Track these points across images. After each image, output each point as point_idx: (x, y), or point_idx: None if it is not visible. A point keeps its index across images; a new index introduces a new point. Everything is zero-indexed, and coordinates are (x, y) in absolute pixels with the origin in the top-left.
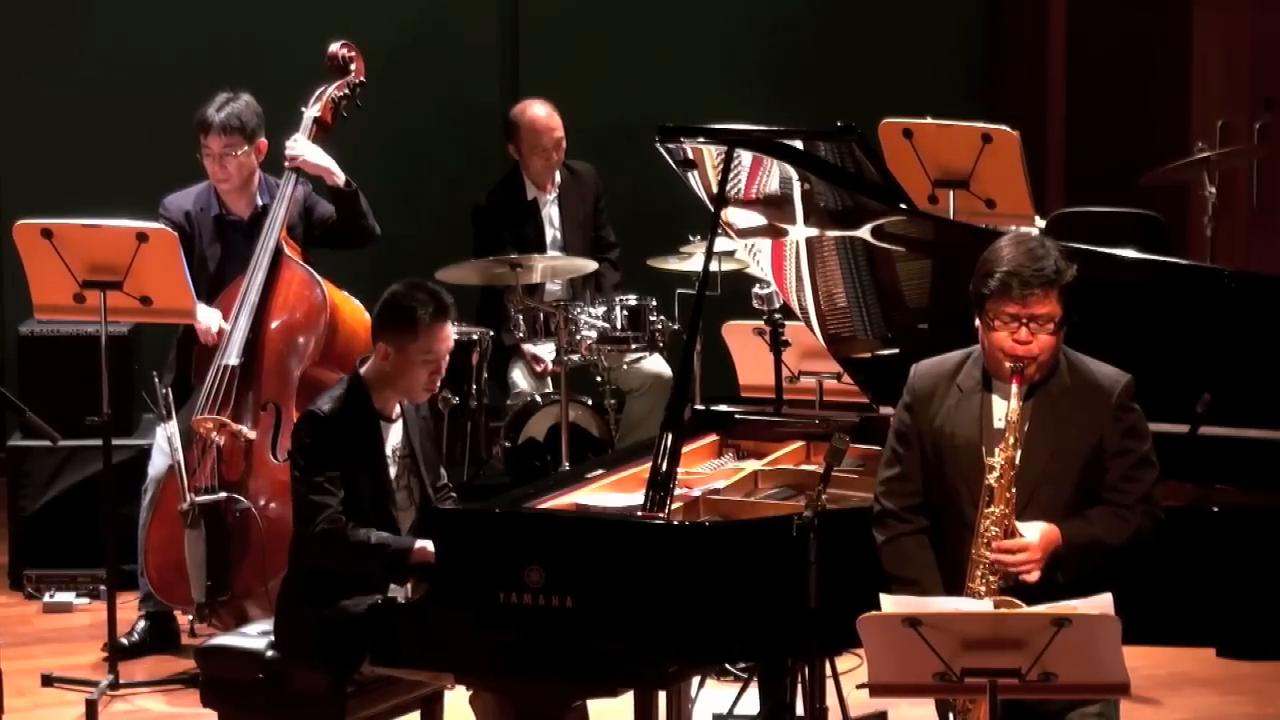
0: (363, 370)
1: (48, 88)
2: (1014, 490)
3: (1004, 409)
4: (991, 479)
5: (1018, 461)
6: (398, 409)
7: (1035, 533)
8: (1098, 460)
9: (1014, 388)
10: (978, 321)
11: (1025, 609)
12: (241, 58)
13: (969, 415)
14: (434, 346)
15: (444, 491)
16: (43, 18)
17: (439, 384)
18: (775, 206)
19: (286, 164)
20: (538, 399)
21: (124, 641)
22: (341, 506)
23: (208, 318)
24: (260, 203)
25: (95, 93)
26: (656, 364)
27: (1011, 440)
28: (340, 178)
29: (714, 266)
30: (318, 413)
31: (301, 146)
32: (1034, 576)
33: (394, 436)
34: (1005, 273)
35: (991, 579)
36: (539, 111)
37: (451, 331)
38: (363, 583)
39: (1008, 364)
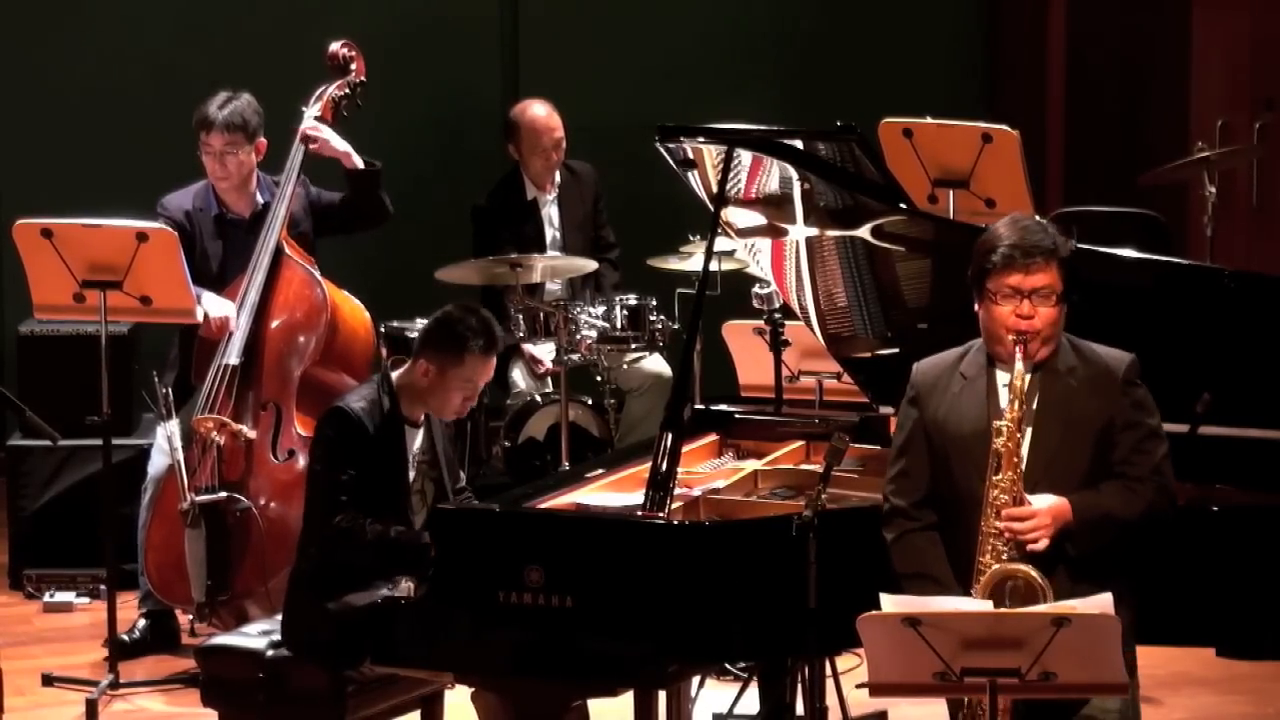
0: (395, 375)
1: (48, 88)
2: (1021, 455)
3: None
4: (999, 443)
5: (1028, 432)
6: (422, 415)
7: (1044, 501)
8: (1108, 437)
9: (1019, 355)
10: (977, 305)
11: (1026, 609)
12: (241, 57)
13: (976, 399)
14: (475, 377)
15: (463, 495)
16: (42, 18)
17: (469, 411)
18: (775, 206)
19: (310, 145)
20: (538, 399)
21: (124, 638)
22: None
23: (218, 308)
24: (260, 200)
25: (95, 93)
26: (656, 364)
27: (1017, 404)
28: (358, 161)
29: (714, 266)
30: (347, 410)
31: (324, 130)
32: (1042, 545)
33: (417, 441)
34: (1008, 245)
35: (1002, 549)
36: (539, 111)
37: (493, 365)
38: (369, 576)
39: (1011, 337)
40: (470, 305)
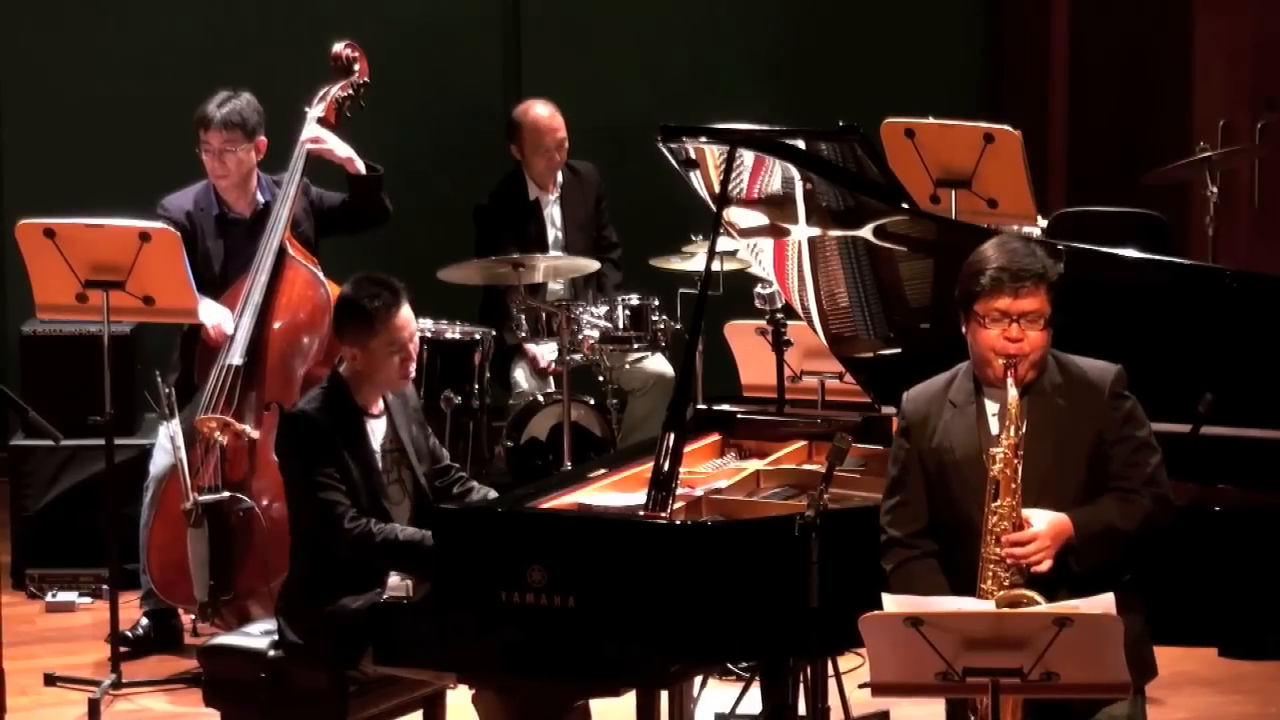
0: (341, 369)
1: (50, 88)
2: (1020, 481)
3: (999, 414)
4: (995, 470)
5: (1021, 453)
6: (381, 404)
7: (1044, 521)
8: (1100, 452)
9: (1009, 379)
10: (965, 328)
11: (1028, 609)
12: (244, 58)
13: (966, 425)
14: (395, 336)
15: (451, 474)
16: (43, 20)
17: (413, 369)
18: (777, 206)
19: (309, 145)
20: (540, 399)
21: (127, 634)
22: (349, 501)
23: (215, 315)
24: (262, 200)
25: (97, 93)
26: (658, 364)
27: (1012, 430)
28: (361, 166)
29: (716, 266)
30: (298, 414)
31: (328, 136)
32: (1045, 566)
33: (379, 431)
34: (996, 268)
35: (1003, 575)
36: (541, 112)
37: (409, 314)
38: (362, 579)
39: (1000, 361)
40: (360, 275)
